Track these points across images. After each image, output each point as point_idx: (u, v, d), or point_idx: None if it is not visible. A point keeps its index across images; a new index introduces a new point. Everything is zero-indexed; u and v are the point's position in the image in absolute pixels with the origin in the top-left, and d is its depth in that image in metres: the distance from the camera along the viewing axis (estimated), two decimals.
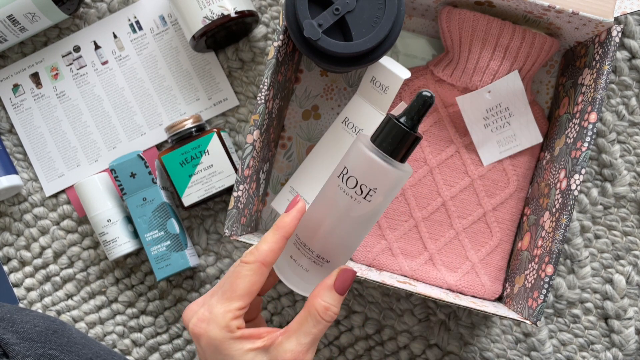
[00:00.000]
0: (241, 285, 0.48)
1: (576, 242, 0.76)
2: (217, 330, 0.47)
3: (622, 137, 0.76)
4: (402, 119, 0.48)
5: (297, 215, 0.50)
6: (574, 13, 0.64)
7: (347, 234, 0.50)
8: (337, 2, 0.60)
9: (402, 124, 0.48)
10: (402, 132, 0.48)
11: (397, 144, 0.48)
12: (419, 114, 0.48)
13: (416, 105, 0.48)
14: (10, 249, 0.78)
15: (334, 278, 0.48)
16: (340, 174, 0.49)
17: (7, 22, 0.72)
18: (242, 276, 0.48)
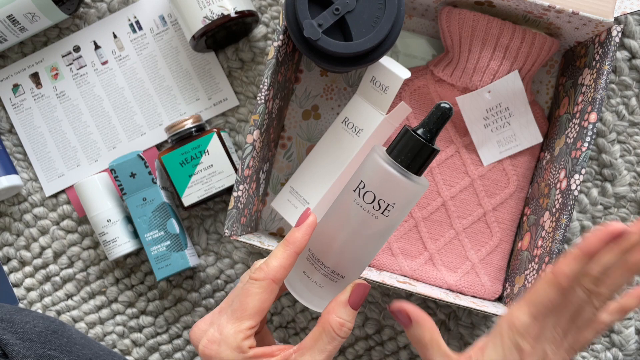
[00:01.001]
0: (251, 304, 0.46)
1: (576, 242, 0.76)
2: (228, 351, 0.46)
3: (622, 137, 0.76)
4: (419, 131, 0.46)
5: (308, 230, 0.48)
6: (574, 13, 0.64)
7: (363, 249, 0.49)
8: (337, 2, 0.60)
9: (420, 136, 0.46)
10: (419, 144, 0.46)
11: (415, 156, 0.46)
12: (437, 126, 0.46)
13: (434, 116, 0.46)
14: (10, 249, 0.78)
15: (348, 294, 0.47)
16: (357, 188, 0.47)
17: (7, 22, 0.72)
18: (252, 294, 0.47)
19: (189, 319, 0.78)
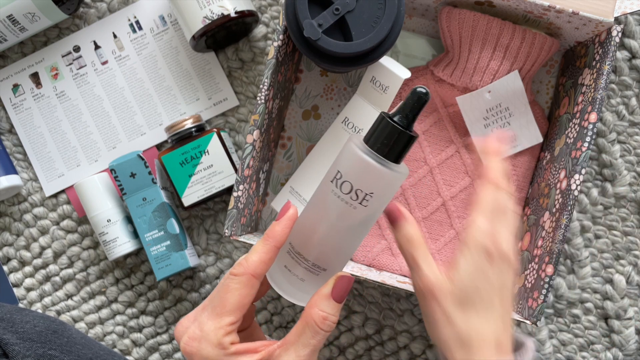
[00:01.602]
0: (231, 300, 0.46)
1: (576, 242, 0.76)
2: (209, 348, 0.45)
3: (622, 137, 0.76)
4: (396, 118, 0.45)
5: (288, 224, 0.47)
6: (574, 13, 0.64)
7: (344, 240, 0.48)
8: (337, 2, 0.60)
9: (396, 123, 0.44)
10: (396, 131, 0.44)
11: (392, 144, 0.45)
12: (414, 112, 0.44)
13: (410, 102, 0.44)
14: (10, 249, 0.78)
15: (331, 286, 0.46)
16: (334, 179, 0.46)
17: (7, 22, 0.72)
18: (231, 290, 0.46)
19: None
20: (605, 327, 0.76)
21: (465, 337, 0.48)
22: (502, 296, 0.49)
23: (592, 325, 0.76)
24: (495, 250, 0.49)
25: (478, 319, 0.48)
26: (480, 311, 0.49)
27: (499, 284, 0.49)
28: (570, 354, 0.76)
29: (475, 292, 0.49)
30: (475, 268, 0.49)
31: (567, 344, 0.76)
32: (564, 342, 0.76)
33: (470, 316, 0.48)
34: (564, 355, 0.76)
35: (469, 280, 0.49)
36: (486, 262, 0.49)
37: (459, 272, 0.49)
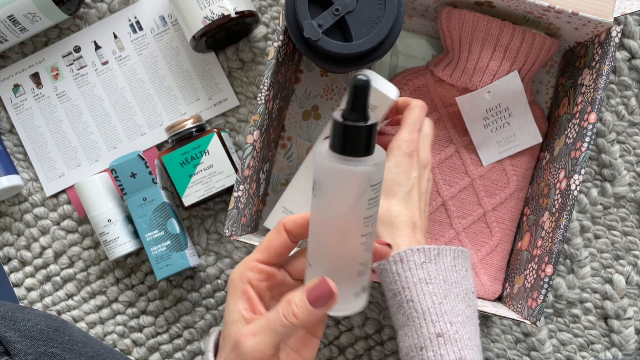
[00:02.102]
0: (262, 242, 0.49)
1: (576, 242, 0.76)
2: (234, 273, 0.49)
3: (622, 137, 0.76)
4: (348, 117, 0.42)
5: None
6: (574, 13, 0.64)
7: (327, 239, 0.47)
8: (337, 3, 0.60)
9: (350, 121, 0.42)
10: (354, 129, 0.42)
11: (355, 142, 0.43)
12: (360, 103, 0.42)
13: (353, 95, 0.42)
14: (10, 249, 0.78)
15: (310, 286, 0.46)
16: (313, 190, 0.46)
17: (8, 22, 0.72)
18: (265, 237, 0.50)
19: (189, 318, 0.78)
20: (604, 327, 0.76)
21: (388, 218, 0.59)
22: (419, 191, 0.61)
23: (591, 325, 0.76)
24: (416, 154, 0.60)
25: (399, 205, 0.59)
26: (400, 200, 0.59)
27: (416, 181, 0.60)
28: (569, 353, 0.76)
29: (397, 185, 0.60)
30: (397, 166, 0.60)
31: (567, 343, 0.76)
32: (563, 342, 0.77)
33: (392, 203, 0.59)
34: (564, 355, 0.77)
35: (393, 175, 0.60)
36: (407, 163, 0.60)
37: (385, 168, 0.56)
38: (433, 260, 0.56)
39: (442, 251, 0.57)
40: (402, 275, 0.56)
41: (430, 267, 0.56)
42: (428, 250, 0.56)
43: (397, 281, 0.56)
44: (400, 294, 0.56)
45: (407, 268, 0.56)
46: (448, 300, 0.55)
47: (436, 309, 0.54)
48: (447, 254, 0.57)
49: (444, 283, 0.56)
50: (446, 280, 0.56)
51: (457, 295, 0.56)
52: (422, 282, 0.55)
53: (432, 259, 0.56)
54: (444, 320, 0.54)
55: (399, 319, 0.56)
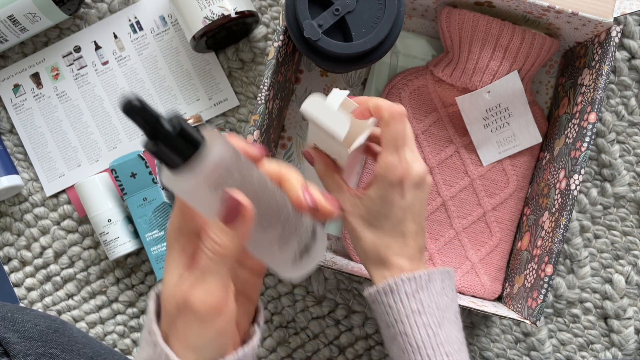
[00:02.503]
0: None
1: (576, 242, 0.76)
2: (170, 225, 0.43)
3: (622, 137, 0.76)
4: (148, 144, 0.37)
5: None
6: (574, 13, 0.64)
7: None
8: (337, 3, 0.60)
9: (151, 149, 0.37)
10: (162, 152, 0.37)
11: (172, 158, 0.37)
12: (146, 125, 0.36)
13: (136, 121, 0.36)
14: (10, 249, 0.78)
15: (222, 207, 0.39)
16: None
17: (8, 22, 0.72)
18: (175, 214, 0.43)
19: None
20: (604, 327, 0.76)
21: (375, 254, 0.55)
22: (413, 216, 0.55)
23: (591, 325, 0.76)
24: (406, 177, 0.54)
25: (387, 238, 0.55)
26: (388, 232, 0.55)
27: (408, 208, 0.54)
28: (569, 353, 0.76)
29: (383, 218, 0.55)
30: (382, 199, 0.54)
31: (567, 343, 0.76)
32: (563, 342, 0.77)
33: (378, 235, 0.55)
34: (564, 354, 0.77)
35: (377, 207, 0.54)
36: (394, 193, 0.54)
37: (369, 197, 0.55)
38: (425, 287, 0.54)
39: (432, 276, 0.54)
40: (394, 307, 0.54)
41: (423, 295, 0.53)
42: (419, 278, 0.54)
43: (390, 313, 0.54)
44: (393, 326, 0.54)
45: (398, 299, 0.53)
46: (442, 329, 0.53)
47: (431, 341, 0.52)
48: (437, 278, 0.55)
49: (437, 310, 0.54)
50: (439, 307, 0.54)
51: (450, 321, 0.54)
52: (416, 314, 0.53)
53: (423, 286, 0.54)
54: (440, 352, 0.52)
55: (394, 351, 0.54)
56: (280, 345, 0.77)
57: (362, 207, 0.55)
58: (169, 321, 0.41)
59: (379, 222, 0.55)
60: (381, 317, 0.55)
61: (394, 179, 0.53)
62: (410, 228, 0.55)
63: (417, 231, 0.56)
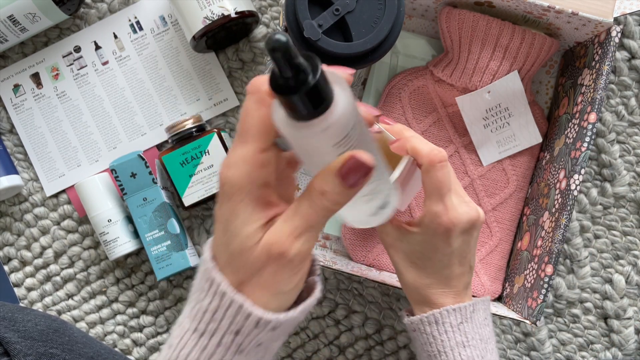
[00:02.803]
0: (251, 122, 0.39)
1: (576, 242, 0.76)
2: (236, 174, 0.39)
3: (622, 137, 0.76)
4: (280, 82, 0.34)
5: None
6: (574, 13, 0.64)
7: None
8: (337, 3, 0.60)
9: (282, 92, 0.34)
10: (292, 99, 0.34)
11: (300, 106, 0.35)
12: (285, 64, 0.33)
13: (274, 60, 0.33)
14: (10, 249, 0.78)
15: (339, 163, 0.38)
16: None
17: (8, 22, 0.72)
18: (250, 112, 0.39)
19: None
20: (604, 327, 0.76)
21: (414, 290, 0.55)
22: (460, 259, 0.54)
23: (591, 325, 0.76)
24: (453, 227, 0.52)
25: (429, 279, 0.54)
26: (430, 273, 0.54)
27: (456, 252, 0.53)
28: (569, 353, 0.76)
29: (426, 259, 0.54)
30: (427, 242, 0.53)
31: (567, 343, 0.76)
32: (563, 342, 0.77)
33: (420, 275, 0.54)
34: (564, 354, 0.77)
35: (421, 249, 0.54)
36: (441, 242, 0.53)
37: (414, 238, 0.54)
38: (469, 318, 0.53)
39: (476, 306, 0.54)
40: (438, 338, 0.53)
41: (467, 327, 0.53)
42: (464, 309, 0.53)
43: (433, 344, 0.53)
44: (436, 357, 0.53)
45: (442, 331, 0.53)
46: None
47: None
48: (480, 308, 0.54)
49: (480, 342, 0.53)
50: (482, 338, 0.54)
51: (491, 352, 0.54)
52: (460, 346, 0.52)
53: (467, 317, 0.53)
54: None
55: None
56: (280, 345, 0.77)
57: (406, 244, 0.54)
58: (247, 272, 0.40)
59: (421, 262, 0.54)
60: (423, 346, 0.55)
61: (440, 230, 0.52)
62: (455, 271, 0.54)
63: (463, 272, 0.55)
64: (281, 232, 0.39)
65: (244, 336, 0.41)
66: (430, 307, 0.55)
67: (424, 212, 0.53)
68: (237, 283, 0.40)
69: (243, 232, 0.40)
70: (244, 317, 0.40)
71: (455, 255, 0.54)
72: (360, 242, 0.73)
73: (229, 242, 0.40)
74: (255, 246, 0.39)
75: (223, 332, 0.41)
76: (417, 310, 0.56)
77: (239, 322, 0.40)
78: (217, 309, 0.40)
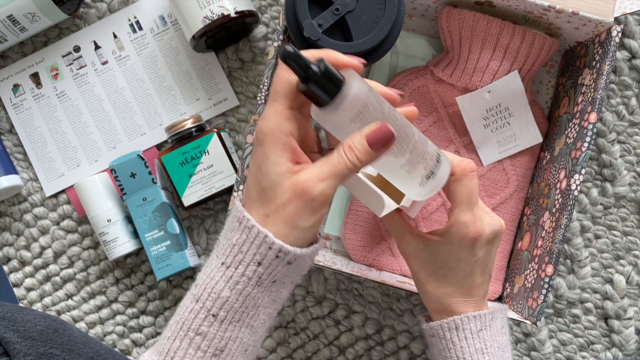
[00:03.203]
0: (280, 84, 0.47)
1: (576, 242, 0.76)
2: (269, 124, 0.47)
3: (622, 137, 0.76)
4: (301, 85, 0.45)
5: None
6: (574, 13, 0.64)
7: None
8: (337, 2, 0.60)
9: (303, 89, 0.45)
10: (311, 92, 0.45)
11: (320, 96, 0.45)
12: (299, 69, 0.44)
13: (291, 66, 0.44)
14: (10, 249, 0.78)
15: (369, 129, 0.46)
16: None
17: (7, 22, 0.72)
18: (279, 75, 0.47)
19: None
20: (605, 327, 0.76)
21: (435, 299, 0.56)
22: (482, 269, 0.56)
23: (592, 325, 0.76)
24: (480, 237, 0.54)
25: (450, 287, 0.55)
26: (452, 283, 0.55)
27: (479, 262, 0.55)
28: (570, 353, 0.76)
29: (448, 269, 0.55)
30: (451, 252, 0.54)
31: (567, 343, 0.76)
32: (564, 342, 0.76)
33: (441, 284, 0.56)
34: (564, 355, 0.77)
35: (444, 258, 0.55)
36: (466, 252, 0.54)
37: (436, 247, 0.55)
38: (488, 326, 0.55)
39: (494, 314, 0.55)
40: (457, 344, 0.55)
41: (486, 334, 0.55)
42: (484, 317, 0.55)
43: (452, 349, 0.55)
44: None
45: (462, 337, 0.55)
46: None
47: None
48: (498, 317, 0.56)
49: (498, 350, 0.55)
50: (499, 346, 0.55)
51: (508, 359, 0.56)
52: (479, 353, 0.54)
53: (487, 325, 0.55)
54: None
55: None
56: (280, 345, 0.77)
57: (428, 253, 0.56)
58: (273, 206, 0.47)
59: (443, 272, 0.55)
60: (441, 352, 0.56)
61: (467, 240, 0.53)
62: (477, 280, 0.56)
63: (484, 281, 0.57)
64: (310, 174, 0.46)
65: (264, 267, 0.47)
66: (450, 315, 0.56)
67: (449, 221, 0.54)
68: (263, 216, 0.47)
69: (273, 171, 0.47)
70: (267, 248, 0.47)
71: (478, 265, 0.55)
72: (360, 242, 0.73)
73: (261, 180, 0.47)
74: (283, 183, 0.46)
75: (247, 263, 0.47)
76: (436, 317, 0.57)
77: (262, 253, 0.47)
78: (244, 242, 0.47)
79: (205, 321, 0.48)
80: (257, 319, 0.49)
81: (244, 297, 0.48)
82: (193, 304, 0.49)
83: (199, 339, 0.48)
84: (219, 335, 0.48)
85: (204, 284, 0.49)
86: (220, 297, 0.48)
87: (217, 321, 0.48)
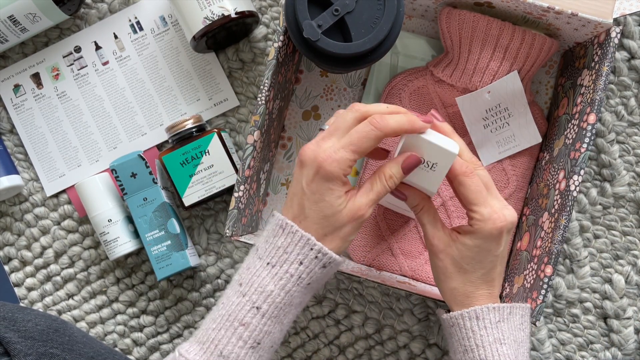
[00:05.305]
0: (365, 146, 0.55)
1: (575, 242, 0.76)
2: (333, 165, 0.54)
3: (621, 137, 0.76)
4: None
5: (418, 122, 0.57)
6: (573, 14, 0.64)
7: None
8: (337, 3, 0.60)
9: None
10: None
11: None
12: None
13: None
14: (11, 249, 0.78)
15: (403, 158, 0.57)
16: None
17: (8, 22, 0.72)
18: (369, 139, 0.54)
19: (190, 318, 0.78)
20: (604, 327, 0.77)
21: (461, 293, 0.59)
22: (502, 260, 0.60)
23: (591, 325, 0.76)
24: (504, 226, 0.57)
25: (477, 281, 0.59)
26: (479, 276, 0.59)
27: (502, 252, 0.59)
28: (569, 353, 0.77)
29: (475, 263, 0.58)
30: (479, 247, 0.58)
31: (567, 343, 0.77)
32: (563, 342, 0.77)
33: (468, 278, 0.59)
34: (563, 354, 0.77)
35: (471, 254, 0.58)
36: (493, 242, 0.57)
37: (464, 244, 0.58)
38: (506, 319, 0.58)
39: (513, 309, 0.58)
40: (477, 332, 0.58)
41: (504, 326, 0.58)
42: (502, 309, 0.58)
43: (471, 338, 0.58)
44: (473, 351, 0.58)
45: (482, 326, 0.58)
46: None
47: None
48: (517, 312, 0.59)
49: (514, 343, 0.58)
50: (516, 340, 0.58)
51: (523, 355, 0.58)
52: (497, 342, 0.57)
53: (505, 317, 0.58)
54: None
55: None
56: (280, 345, 0.77)
57: (456, 250, 0.59)
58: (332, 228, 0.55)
59: (470, 267, 0.59)
60: (460, 341, 0.59)
61: (495, 232, 0.57)
62: (499, 271, 0.60)
63: (501, 272, 0.61)
64: (362, 202, 0.55)
65: (305, 266, 0.54)
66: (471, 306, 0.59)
67: (472, 218, 0.58)
68: (322, 235, 0.55)
69: (336, 202, 0.55)
70: (309, 249, 0.54)
71: (501, 256, 0.59)
72: (360, 242, 0.73)
73: (324, 208, 0.55)
74: (343, 211, 0.55)
75: (291, 262, 0.54)
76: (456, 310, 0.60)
77: (305, 253, 0.54)
78: (289, 244, 0.54)
79: (249, 312, 0.54)
80: (287, 319, 0.56)
81: (285, 292, 0.54)
82: (240, 298, 0.54)
83: (242, 329, 0.54)
84: (259, 328, 0.54)
85: (250, 281, 0.55)
86: (265, 290, 0.54)
87: (259, 314, 0.54)
